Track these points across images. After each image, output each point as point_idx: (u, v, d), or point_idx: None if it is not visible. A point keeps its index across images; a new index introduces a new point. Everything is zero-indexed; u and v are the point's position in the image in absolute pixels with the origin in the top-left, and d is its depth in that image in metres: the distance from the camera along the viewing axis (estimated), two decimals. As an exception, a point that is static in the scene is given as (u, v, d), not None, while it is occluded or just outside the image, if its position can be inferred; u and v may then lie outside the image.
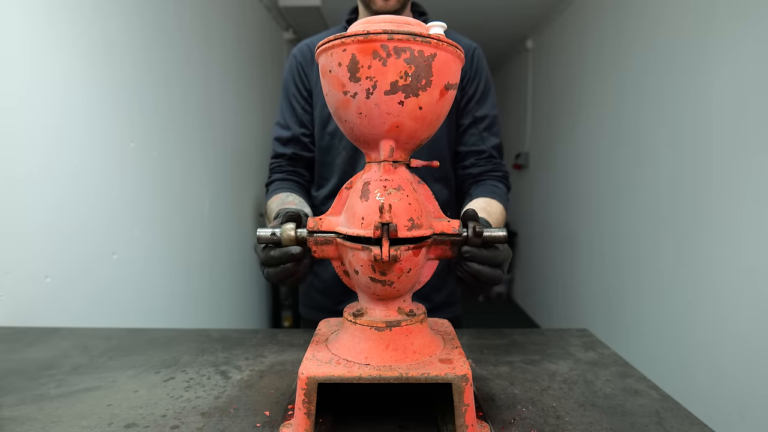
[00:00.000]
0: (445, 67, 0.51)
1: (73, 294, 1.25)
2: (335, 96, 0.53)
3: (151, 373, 0.74)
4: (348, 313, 0.57)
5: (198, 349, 0.85)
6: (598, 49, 2.64)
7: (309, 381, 0.50)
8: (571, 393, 0.67)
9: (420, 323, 0.55)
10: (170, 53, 1.77)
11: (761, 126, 1.44)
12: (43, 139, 1.15)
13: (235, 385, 0.70)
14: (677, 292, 1.84)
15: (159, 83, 1.66)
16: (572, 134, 2.98)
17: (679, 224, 1.83)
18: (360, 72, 0.49)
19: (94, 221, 1.34)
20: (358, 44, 0.48)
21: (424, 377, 0.50)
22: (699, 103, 1.73)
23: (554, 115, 3.32)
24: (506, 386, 0.70)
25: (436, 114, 0.53)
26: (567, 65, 3.10)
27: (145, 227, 1.60)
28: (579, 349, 0.84)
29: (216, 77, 2.19)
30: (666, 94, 1.94)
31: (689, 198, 1.77)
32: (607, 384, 0.70)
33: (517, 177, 4.19)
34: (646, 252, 2.09)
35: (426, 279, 0.60)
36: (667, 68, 1.94)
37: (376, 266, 0.52)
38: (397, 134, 0.52)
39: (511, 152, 4.22)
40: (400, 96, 0.50)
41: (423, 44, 0.49)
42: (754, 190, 1.46)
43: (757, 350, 1.43)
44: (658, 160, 2.00)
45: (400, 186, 0.53)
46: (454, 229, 0.56)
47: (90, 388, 0.69)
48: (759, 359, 1.42)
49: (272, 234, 0.57)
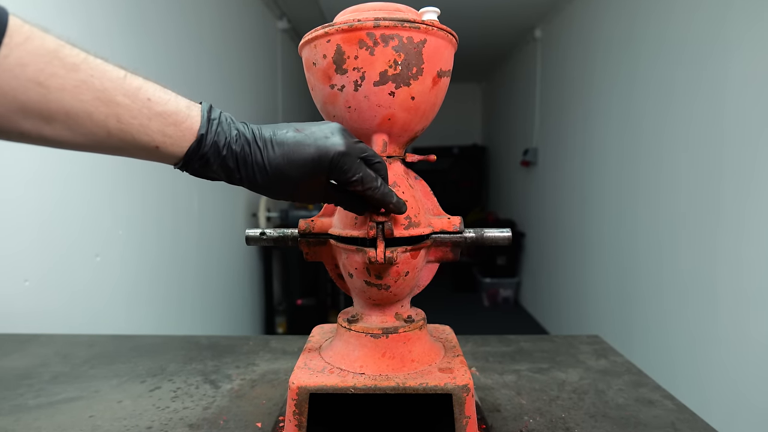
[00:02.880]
0: (437, 53, 0.51)
1: (53, 298, 1.25)
2: (321, 90, 0.52)
3: (135, 382, 0.74)
4: (342, 319, 0.56)
5: (186, 356, 0.85)
6: (610, 39, 2.63)
7: (300, 391, 0.50)
8: (581, 403, 0.67)
9: (419, 330, 0.55)
10: (159, 42, 1.77)
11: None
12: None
13: (225, 396, 0.70)
14: (696, 296, 1.84)
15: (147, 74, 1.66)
16: (583, 129, 2.98)
17: (699, 224, 1.83)
18: (346, 63, 0.49)
19: (75, 221, 1.34)
20: (343, 34, 0.48)
21: (422, 387, 0.49)
22: (717, 94, 1.73)
23: (564, 109, 3.31)
24: (512, 396, 0.69)
25: (430, 103, 0.53)
26: (577, 56, 3.09)
27: (130, 227, 1.60)
28: (590, 356, 0.84)
29: (207, 66, 2.19)
30: (682, 85, 1.94)
31: (710, 196, 1.77)
32: (620, 394, 0.70)
33: (524, 174, 4.19)
34: (662, 254, 2.09)
35: (426, 282, 0.59)
36: (683, 57, 1.93)
37: (371, 269, 0.52)
38: (389, 127, 0.52)
39: (519, 148, 4.22)
40: (390, 86, 0.49)
41: (411, 30, 0.48)
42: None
43: (780, 357, 1.42)
44: (675, 156, 1.99)
45: (395, 182, 0.53)
46: (455, 226, 0.56)
47: (71, 398, 0.69)
48: (781, 367, 1.42)
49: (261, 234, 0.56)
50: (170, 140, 0.41)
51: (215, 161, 0.42)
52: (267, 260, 2.92)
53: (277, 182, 0.44)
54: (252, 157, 0.43)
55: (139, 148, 0.41)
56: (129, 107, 0.39)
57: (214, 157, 0.42)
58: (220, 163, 0.43)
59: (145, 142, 0.40)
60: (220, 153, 0.42)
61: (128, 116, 0.39)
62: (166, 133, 0.40)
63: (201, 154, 0.42)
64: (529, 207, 4.12)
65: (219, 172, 0.43)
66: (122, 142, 0.39)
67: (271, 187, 0.44)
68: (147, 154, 0.42)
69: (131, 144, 0.40)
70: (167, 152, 0.41)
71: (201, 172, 0.43)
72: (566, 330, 3.24)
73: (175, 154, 0.41)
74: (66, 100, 0.36)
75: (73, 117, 0.37)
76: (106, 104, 0.38)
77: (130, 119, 0.39)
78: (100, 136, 0.38)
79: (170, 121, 0.41)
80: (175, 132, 0.41)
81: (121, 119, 0.38)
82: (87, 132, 0.38)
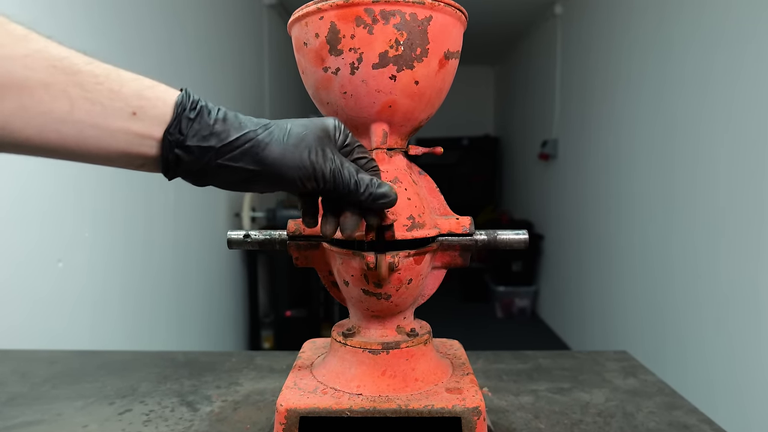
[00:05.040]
0: (444, 31, 0.51)
1: (9, 309, 1.25)
2: (314, 74, 0.52)
3: (103, 404, 0.74)
4: (337, 333, 0.57)
5: (160, 375, 0.85)
6: (640, 16, 2.63)
7: (289, 414, 0.50)
8: (607, 428, 0.67)
9: (423, 345, 0.55)
10: (132, 18, 1.77)
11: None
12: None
13: (204, 419, 0.70)
14: (737, 308, 1.84)
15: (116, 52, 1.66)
16: (609, 118, 2.98)
17: (741, 227, 1.83)
18: (342, 43, 0.49)
19: (35, 221, 1.34)
20: (338, 10, 0.48)
21: (427, 410, 0.49)
22: (761, 80, 1.73)
23: (588, 96, 3.31)
24: (530, 420, 0.69)
25: (436, 89, 0.53)
26: (603, 35, 3.09)
27: (97, 229, 1.60)
28: (617, 375, 0.84)
29: (183, 46, 2.19)
30: (722, 68, 1.94)
31: (753, 196, 1.76)
32: (651, 417, 0.70)
33: (543, 169, 4.19)
34: (699, 260, 2.09)
35: (431, 291, 0.60)
36: (723, 37, 1.93)
37: (369, 276, 0.52)
38: (390, 115, 0.52)
39: (537, 139, 4.22)
40: (391, 69, 0.49)
41: (415, 6, 0.49)
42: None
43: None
44: (713, 150, 1.99)
45: (396, 178, 0.53)
46: (464, 228, 0.56)
47: (30, 422, 0.69)
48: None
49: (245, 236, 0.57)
50: (149, 103, 0.40)
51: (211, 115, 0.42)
52: (252, 266, 2.92)
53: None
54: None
55: (113, 127, 0.39)
56: (93, 74, 0.38)
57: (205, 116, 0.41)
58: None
59: (118, 108, 0.39)
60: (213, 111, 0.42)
61: (93, 82, 0.38)
62: (144, 96, 0.40)
63: (193, 101, 0.41)
64: (549, 206, 4.12)
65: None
66: (89, 116, 0.38)
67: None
68: (124, 139, 0.40)
69: (102, 117, 0.38)
70: (149, 119, 0.40)
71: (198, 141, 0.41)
72: (590, 345, 3.24)
73: (159, 117, 0.40)
74: (16, 70, 0.35)
75: (27, 90, 0.36)
76: (65, 72, 0.37)
77: (96, 85, 0.38)
78: (61, 113, 0.37)
79: (146, 84, 0.40)
80: (153, 94, 0.40)
81: (85, 86, 0.38)
82: (46, 110, 0.37)
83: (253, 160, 0.41)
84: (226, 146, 0.41)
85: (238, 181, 0.43)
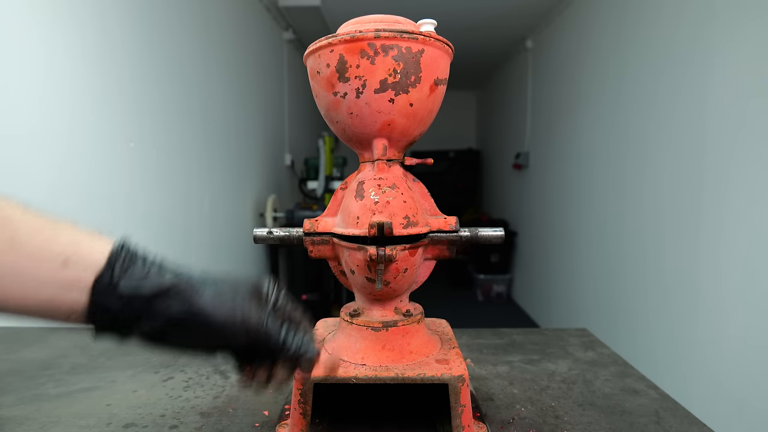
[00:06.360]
0: (434, 62, 0.51)
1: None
2: (325, 97, 0.52)
3: (149, 372, 0.74)
4: (345, 313, 0.56)
5: (197, 349, 0.85)
6: (597, 49, 2.63)
7: (305, 381, 0.50)
8: (570, 393, 0.67)
9: (417, 323, 0.55)
10: (171, 53, 1.76)
11: (761, 126, 1.43)
12: (43, 140, 1.15)
13: (234, 385, 0.70)
14: (678, 291, 1.84)
15: (160, 83, 1.66)
16: (572, 134, 2.97)
17: (680, 225, 1.83)
18: (349, 72, 0.49)
19: (91, 222, 1.33)
20: (345, 44, 0.48)
21: (420, 378, 0.49)
22: (697, 101, 1.73)
23: (554, 115, 3.31)
24: (505, 386, 0.69)
25: (427, 110, 0.53)
26: (567, 64, 3.09)
27: (144, 229, 1.60)
28: (578, 348, 0.84)
29: (216, 77, 2.19)
30: (665, 93, 1.94)
31: (691, 198, 1.77)
32: (606, 383, 0.70)
33: (516, 177, 4.19)
34: (646, 253, 2.09)
35: (423, 279, 0.59)
36: (666, 67, 1.93)
37: (371, 266, 0.52)
38: (389, 132, 0.52)
39: (511, 152, 4.21)
40: (390, 93, 0.50)
41: (410, 41, 0.49)
42: (751, 190, 1.45)
43: (757, 350, 1.42)
44: (658, 159, 1.99)
45: (394, 184, 0.53)
46: (451, 226, 0.56)
47: (89, 388, 0.69)
48: (758, 359, 1.42)
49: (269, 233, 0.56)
50: (87, 239, 0.35)
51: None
52: (273, 258, 2.92)
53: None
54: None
55: (42, 275, 0.33)
56: (28, 224, 0.33)
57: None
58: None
59: (48, 258, 0.33)
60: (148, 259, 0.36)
61: (27, 232, 0.33)
62: (77, 243, 0.34)
63: (127, 248, 0.36)
64: (521, 207, 4.12)
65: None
66: (16, 265, 0.32)
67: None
68: (52, 286, 0.33)
69: (31, 266, 0.32)
70: (83, 262, 0.34)
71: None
72: (556, 323, 3.24)
73: (94, 260, 0.34)
74: None
75: None
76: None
77: (29, 236, 0.33)
78: None
79: (80, 234, 0.35)
80: (87, 243, 0.35)
81: (16, 238, 0.32)
82: None
83: (183, 306, 0.35)
84: (160, 292, 0.35)
85: (166, 329, 0.36)
